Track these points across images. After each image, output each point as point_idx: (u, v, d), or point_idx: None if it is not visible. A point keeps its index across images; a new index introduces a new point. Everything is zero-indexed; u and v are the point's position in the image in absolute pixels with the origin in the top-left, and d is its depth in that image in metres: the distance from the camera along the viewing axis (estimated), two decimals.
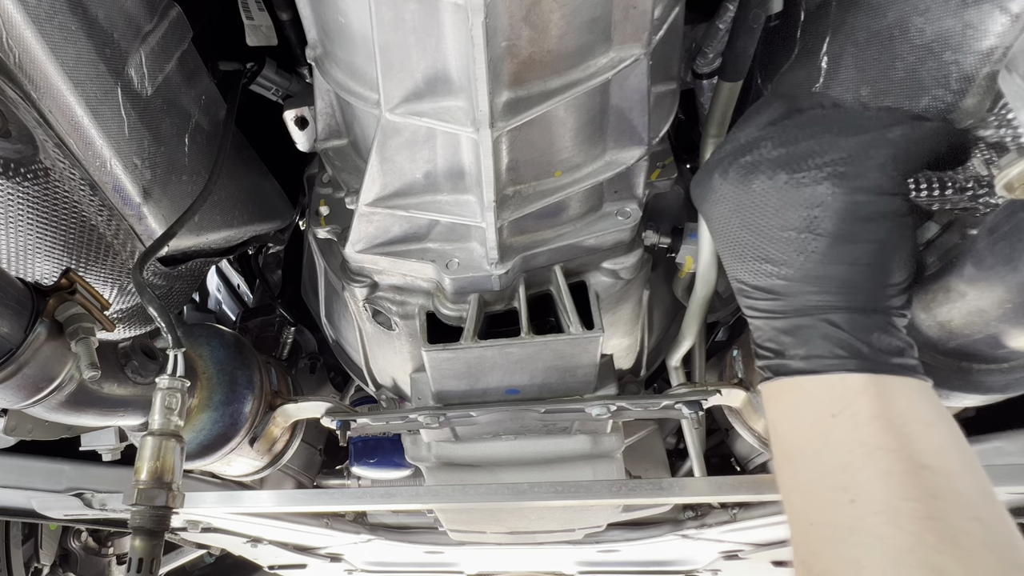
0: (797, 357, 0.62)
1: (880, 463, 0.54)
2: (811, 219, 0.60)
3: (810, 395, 0.62)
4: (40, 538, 2.05)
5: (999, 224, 0.58)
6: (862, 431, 0.56)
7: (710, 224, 0.71)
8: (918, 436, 0.56)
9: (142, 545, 0.81)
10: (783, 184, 0.62)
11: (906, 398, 0.58)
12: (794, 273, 0.62)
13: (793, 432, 0.63)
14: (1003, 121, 0.63)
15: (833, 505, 0.56)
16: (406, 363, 1.15)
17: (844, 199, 0.59)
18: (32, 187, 0.82)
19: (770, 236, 0.63)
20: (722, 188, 0.67)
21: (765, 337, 0.66)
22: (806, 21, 0.80)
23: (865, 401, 0.58)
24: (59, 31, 0.76)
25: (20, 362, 0.78)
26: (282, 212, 1.32)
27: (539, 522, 1.58)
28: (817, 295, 0.61)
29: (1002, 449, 1.14)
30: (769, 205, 0.63)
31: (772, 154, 0.64)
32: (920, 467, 0.53)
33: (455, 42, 0.64)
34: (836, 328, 0.60)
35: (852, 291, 0.60)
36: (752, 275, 0.65)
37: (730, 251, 0.67)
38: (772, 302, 0.64)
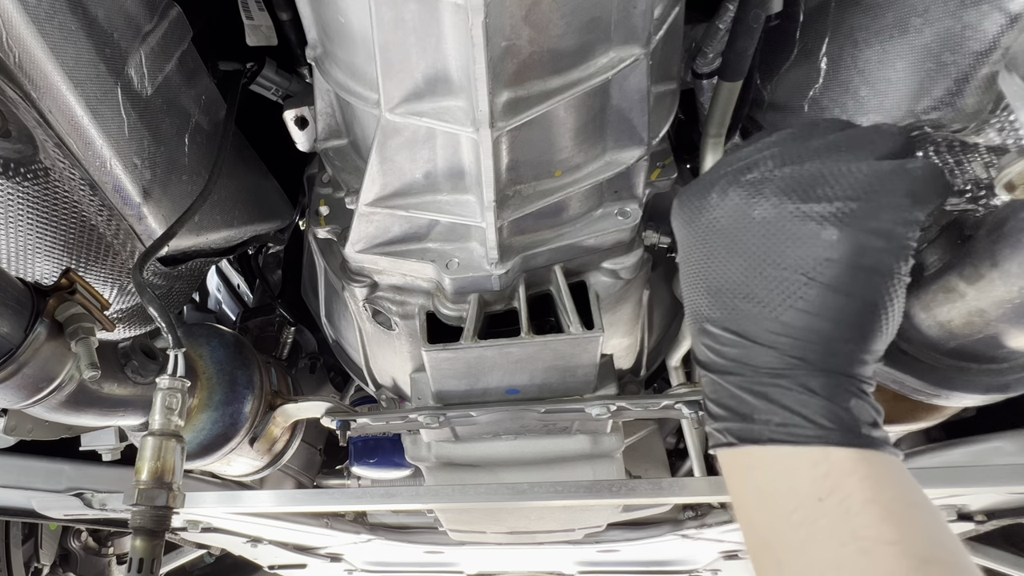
0: (770, 423, 0.53)
1: (881, 561, 0.46)
2: (809, 261, 0.52)
3: (790, 473, 0.52)
4: (40, 538, 2.05)
5: (999, 224, 0.58)
6: (855, 520, 0.48)
7: (689, 247, 0.60)
8: (916, 523, 0.49)
9: (142, 545, 0.81)
10: (789, 215, 0.53)
11: (892, 478, 0.51)
12: (775, 320, 0.53)
13: (770, 517, 0.53)
14: (1005, 123, 0.63)
15: None
16: (406, 363, 1.16)
17: (850, 243, 0.51)
18: (32, 187, 0.82)
19: (761, 272, 0.54)
20: (718, 208, 0.57)
21: (726, 395, 0.56)
22: (806, 21, 0.80)
23: (855, 483, 0.50)
24: (59, 31, 0.76)
25: (20, 362, 0.78)
26: (282, 212, 1.32)
27: (539, 522, 1.58)
28: (797, 350, 0.53)
29: (1002, 449, 1.14)
30: (768, 237, 0.54)
31: (777, 174, 0.55)
32: (924, 562, 0.46)
33: (455, 42, 0.64)
34: (814, 393, 0.52)
35: (833, 351, 0.52)
36: (725, 313, 0.56)
37: (704, 283, 0.58)
38: (742, 350, 0.55)
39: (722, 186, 0.58)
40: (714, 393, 0.58)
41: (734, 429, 0.56)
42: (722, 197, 0.58)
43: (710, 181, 0.60)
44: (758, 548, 0.55)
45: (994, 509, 1.35)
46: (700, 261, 0.59)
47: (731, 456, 0.57)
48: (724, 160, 0.62)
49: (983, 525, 1.38)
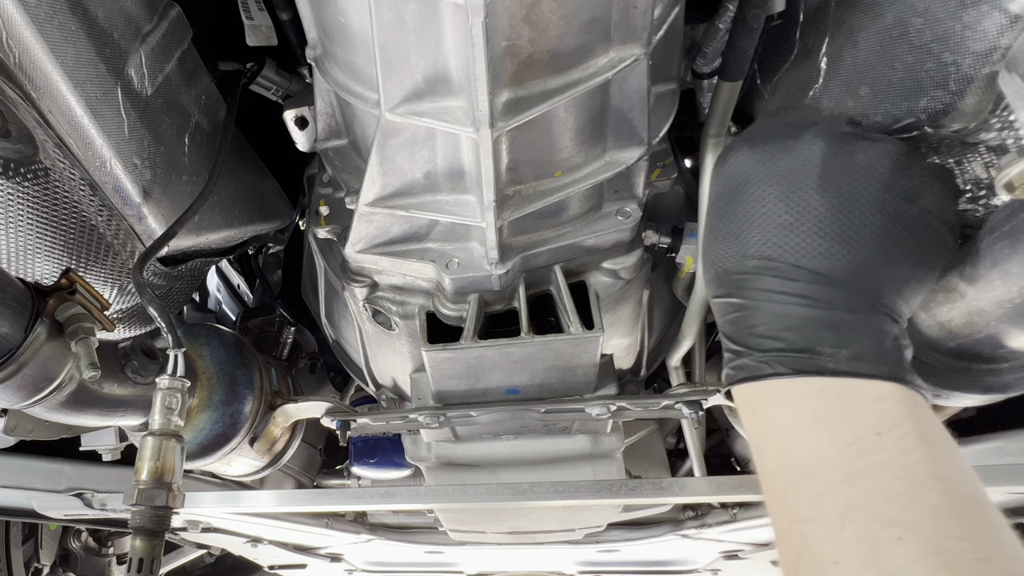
0: (838, 356, 0.54)
1: (929, 495, 0.48)
2: (906, 209, 0.55)
3: (852, 405, 0.53)
4: (40, 538, 2.05)
5: (999, 224, 0.58)
6: (910, 456, 0.50)
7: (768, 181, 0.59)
8: (956, 464, 0.51)
9: (142, 545, 0.81)
10: (891, 167, 0.56)
11: (935, 422, 0.53)
12: (864, 262, 0.54)
13: (820, 446, 0.53)
14: (1005, 123, 0.63)
15: (876, 543, 0.48)
16: (406, 363, 1.16)
17: (939, 199, 0.56)
18: (32, 187, 0.82)
19: (857, 217, 0.55)
20: (811, 148, 0.58)
21: (785, 324, 0.56)
22: (805, 21, 0.80)
23: (913, 422, 0.51)
24: (59, 31, 0.76)
25: (20, 362, 0.78)
26: (282, 212, 1.32)
27: (539, 522, 1.58)
28: (876, 291, 0.54)
29: (1002, 449, 1.14)
30: (869, 185, 0.55)
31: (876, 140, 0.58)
32: (966, 500, 0.49)
33: (455, 42, 0.64)
34: (885, 333, 0.54)
35: (902, 295, 0.55)
36: (814, 255, 0.55)
37: (783, 218, 0.57)
38: (819, 286, 0.55)
39: (813, 132, 0.59)
40: (760, 325, 0.57)
41: (790, 359, 0.55)
42: (816, 137, 0.59)
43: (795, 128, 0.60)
44: (794, 483, 0.54)
45: None
46: (778, 194, 0.58)
47: (773, 387, 0.56)
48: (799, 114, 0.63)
49: None
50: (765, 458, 0.58)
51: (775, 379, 0.56)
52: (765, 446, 0.58)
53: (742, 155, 0.62)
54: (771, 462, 0.57)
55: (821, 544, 0.51)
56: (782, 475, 0.55)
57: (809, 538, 0.52)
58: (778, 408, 0.57)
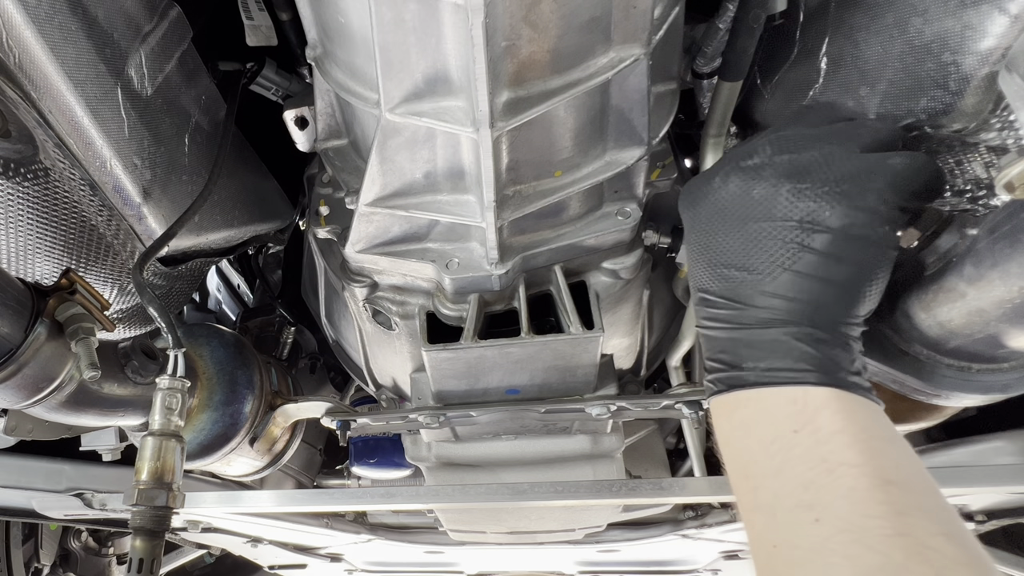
0: (756, 369, 0.60)
1: (844, 479, 0.53)
2: (804, 233, 0.59)
3: (769, 409, 0.59)
4: (40, 538, 2.05)
5: (999, 224, 0.58)
6: (824, 447, 0.55)
7: (693, 228, 0.68)
8: (881, 452, 0.54)
9: (142, 545, 0.81)
10: (785, 193, 0.60)
11: (862, 414, 0.57)
12: (768, 284, 0.60)
13: (751, 448, 0.60)
14: (1005, 123, 0.63)
15: (797, 525, 0.54)
16: (406, 363, 1.16)
17: (842, 217, 0.58)
18: (32, 187, 0.82)
19: (757, 245, 0.61)
20: (720, 192, 0.65)
21: (719, 348, 0.64)
22: (805, 21, 0.80)
23: (827, 416, 0.56)
24: (59, 31, 0.76)
25: (20, 362, 0.78)
26: (282, 212, 1.32)
27: (539, 522, 1.58)
28: (785, 309, 0.60)
29: (1002, 449, 1.14)
30: (765, 213, 0.61)
31: (776, 160, 0.62)
32: (885, 483, 0.52)
33: (455, 42, 0.64)
34: (797, 342, 0.59)
35: (820, 310, 0.59)
36: (722, 283, 0.63)
37: (705, 258, 0.65)
38: (736, 311, 0.62)
39: (725, 172, 0.65)
40: (710, 351, 0.66)
41: (724, 378, 0.63)
42: (724, 181, 0.65)
43: (714, 170, 0.68)
44: (739, 481, 0.62)
45: (994, 509, 1.35)
46: (702, 239, 0.66)
47: (721, 402, 0.64)
48: (727, 155, 0.69)
49: (983, 525, 1.38)
50: (724, 461, 0.66)
51: (719, 396, 0.64)
52: (722, 451, 0.66)
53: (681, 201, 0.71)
54: (726, 464, 0.65)
55: (762, 531, 0.58)
56: (732, 474, 0.63)
57: (755, 526, 0.59)
58: (722, 419, 0.65)
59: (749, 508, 0.60)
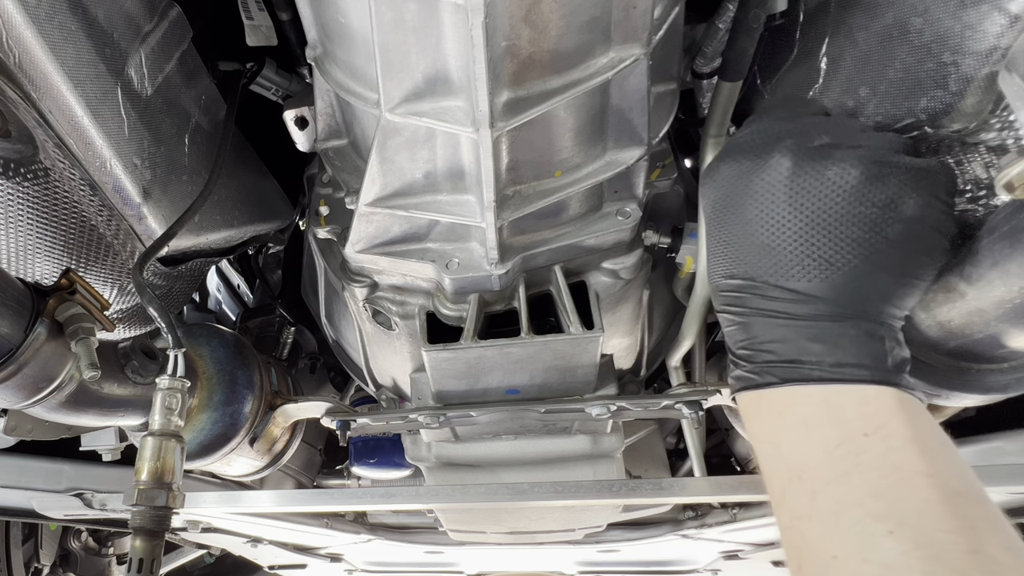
0: (823, 364, 0.56)
1: (918, 491, 0.50)
2: (883, 220, 0.55)
3: (837, 408, 0.56)
4: (40, 538, 2.05)
5: (999, 224, 0.58)
6: (897, 454, 0.52)
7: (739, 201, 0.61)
8: (948, 460, 0.53)
9: (142, 545, 0.81)
10: (862, 178, 0.56)
11: (926, 419, 0.55)
12: (842, 277, 0.56)
13: (809, 450, 0.56)
14: (1005, 123, 0.63)
15: (868, 537, 0.50)
16: (406, 363, 1.15)
17: (922, 207, 0.56)
18: (32, 187, 0.82)
19: (832, 233, 0.56)
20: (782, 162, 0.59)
21: (771, 337, 0.59)
22: (805, 21, 0.80)
23: (899, 422, 0.53)
24: (59, 31, 0.76)
25: (20, 362, 0.78)
26: (282, 212, 1.32)
27: (539, 522, 1.58)
28: (854, 303, 0.56)
29: (1002, 449, 1.14)
30: (842, 199, 0.56)
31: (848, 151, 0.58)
32: (956, 494, 0.50)
33: (455, 42, 0.64)
34: (868, 338, 0.56)
35: (889, 302, 0.57)
36: (791, 275, 0.58)
37: (760, 239, 0.59)
38: (802, 305, 0.58)
39: (785, 148, 0.59)
40: (753, 341, 0.61)
41: (778, 370, 0.59)
42: (785, 153, 0.59)
43: (766, 146, 0.61)
44: (790, 484, 0.57)
45: None
46: (754, 216, 0.60)
47: (766, 395, 0.60)
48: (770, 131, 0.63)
49: None
50: (764, 460, 0.62)
51: (767, 388, 0.60)
52: (762, 449, 0.62)
53: (725, 170, 0.65)
54: (768, 464, 0.61)
55: (819, 539, 0.54)
56: (778, 476, 0.59)
57: (807, 534, 0.55)
58: (771, 415, 0.60)
59: (800, 514, 0.55)
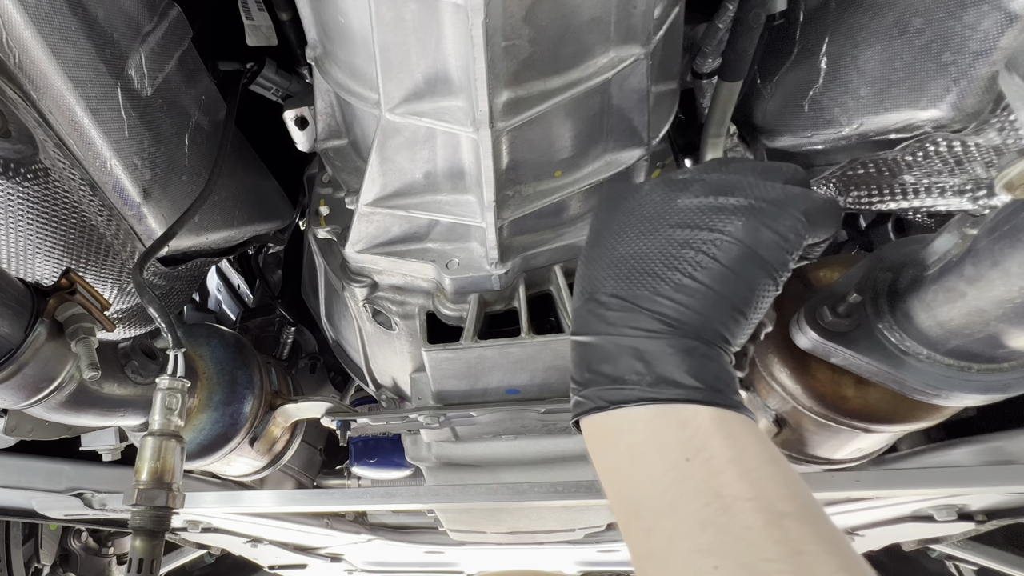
0: (642, 383, 0.55)
1: (739, 517, 0.48)
2: (713, 243, 0.57)
3: (660, 433, 0.54)
4: (40, 538, 2.05)
5: (999, 224, 0.58)
6: (718, 479, 0.50)
7: (606, 229, 0.64)
8: (770, 480, 0.51)
9: (142, 545, 0.81)
10: (708, 204, 0.59)
11: (751, 436, 0.54)
12: (667, 289, 0.57)
13: (640, 481, 0.54)
14: (1005, 123, 0.63)
15: (696, 574, 0.49)
16: (406, 363, 1.15)
17: (753, 232, 0.57)
18: (32, 187, 0.82)
19: (668, 249, 0.58)
20: (645, 197, 0.63)
21: (601, 357, 0.58)
22: (805, 21, 0.80)
23: (718, 442, 0.52)
24: (59, 31, 0.76)
25: (20, 362, 0.78)
26: (282, 212, 1.32)
27: (539, 522, 1.58)
28: (677, 318, 0.56)
29: (1002, 449, 1.14)
30: (683, 221, 0.59)
31: (705, 176, 0.62)
32: (780, 516, 0.48)
33: (455, 42, 0.64)
34: (686, 355, 0.55)
35: (708, 324, 0.57)
36: (623, 284, 0.59)
37: (612, 259, 0.61)
38: (629, 314, 0.58)
39: (654, 182, 0.64)
40: (587, 360, 0.60)
41: (606, 392, 0.57)
42: (652, 189, 0.63)
43: (643, 181, 0.67)
44: (629, 520, 0.56)
45: (994, 509, 1.35)
46: (612, 238, 0.62)
47: (601, 421, 0.58)
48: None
49: (983, 525, 1.38)
50: (608, 497, 0.59)
51: (597, 414, 0.58)
52: (605, 485, 0.60)
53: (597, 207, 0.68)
54: (611, 499, 0.59)
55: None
56: (621, 513, 0.57)
57: (648, 574, 0.53)
58: (607, 444, 0.59)
59: (643, 554, 0.54)
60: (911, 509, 1.39)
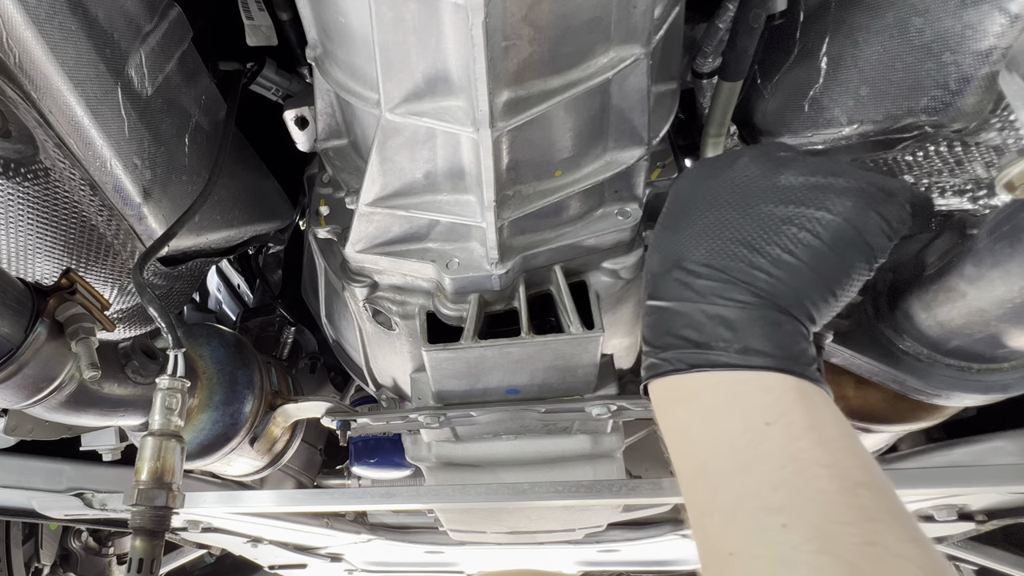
0: (730, 349, 0.56)
1: (814, 481, 0.49)
2: (818, 221, 0.57)
3: (741, 397, 0.55)
4: (40, 538, 2.05)
5: (999, 224, 0.58)
6: (796, 444, 0.51)
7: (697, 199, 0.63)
8: (850, 451, 0.52)
9: (142, 545, 0.81)
10: (813, 184, 0.59)
11: (829, 409, 0.55)
12: (764, 263, 0.57)
13: (713, 440, 0.55)
14: (1005, 123, 0.63)
15: (762, 531, 0.49)
16: (406, 363, 1.15)
17: (861, 214, 0.57)
18: (32, 187, 0.82)
19: (769, 226, 0.58)
20: (745, 170, 0.62)
21: (685, 323, 0.59)
22: (806, 21, 0.80)
23: (800, 410, 0.53)
24: (59, 31, 0.76)
25: (20, 362, 0.78)
26: (282, 212, 1.32)
27: (539, 522, 1.58)
28: (771, 292, 0.57)
29: (1002, 449, 1.14)
30: (786, 198, 0.58)
31: (807, 159, 0.61)
32: (855, 485, 0.49)
33: (455, 42, 0.64)
34: (776, 327, 0.56)
35: (801, 298, 0.57)
36: (716, 255, 0.59)
37: (702, 228, 0.61)
38: (719, 284, 0.58)
39: (752, 156, 0.63)
40: (667, 325, 0.60)
41: (688, 356, 0.58)
42: (751, 162, 0.62)
43: (738, 152, 0.64)
44: (694, 479, 0.56)
45: (994, 509, 1.35)
46: (704, 208, 0.62)
47: (676, 383, 0.59)
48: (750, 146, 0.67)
49: (983, 525, 1.38)
50: (673, 456, 0.60)
51: (675, 375, 0.59)
52: (671, 443, 0.60)
53: (694, 170, 0.68)
54: (677, 459, 0.59)
55: (718, 536, 0.52)
56: (686, 471, 0.58)
57: (709, 531, 0.53)
58: (678, 404, 0.59)
59: (705, 510, 0.54)
60: (911, 509, 1.39)
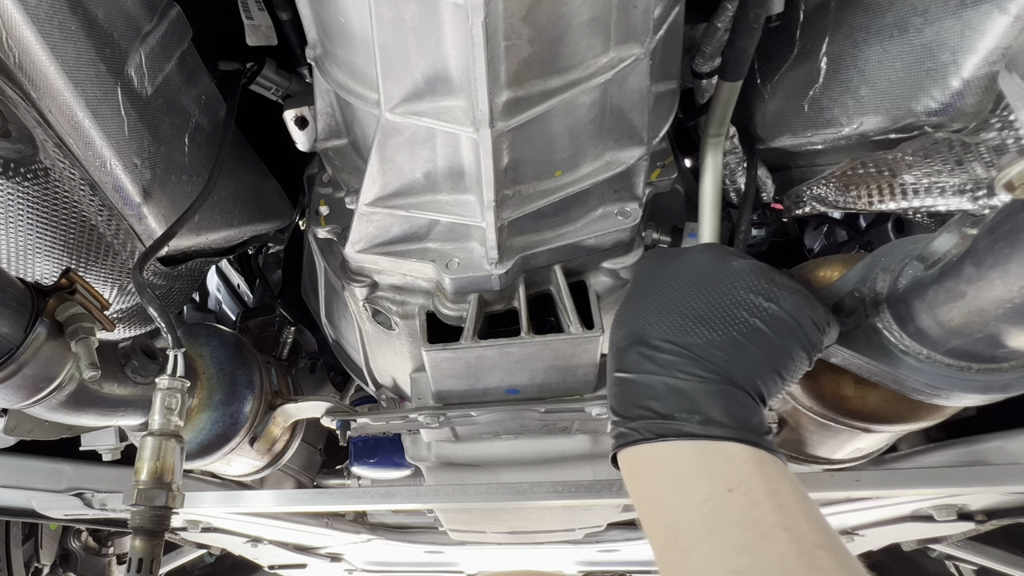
0: (693, 420, 0.61)
1: (775, 544, 0.53)
2: (766, 311, 0.64)
3: (706, 465, 0.60)
4: (40, 538, 2.05)
5: (999, 224, 0.58)
6: (758, 509, 0.55)
7: (657, 281, 0.71)
8: (805, 514, 0.56)
9: (142, 545, 0.81)
10: (759, 273, 0.66)
11: (786, 476, 0.59)
12: (719, 341, 0.64)
13: (682, 505, 0.59)
14: (1005, 123, 0.63)
15: None
16: (406, 363, 1.15)
17: (799, 312, 0.65)
18: (32, 187, 0.82)
19: (720, 306, 0.65)
20: (697, 258, 0.70)
21: (649, 395, 0.64)
22: (805, 21, 0.80)
23: (759, 478, 0.57)
24: (59, 31, 0.76)
25: (20, 362, 0.78)
26: (282, 212, 1.32)
27: (539, 522, 1.58)
28: (725, 368, 0.63)
29: (1002, 449, 1.14)
30: (736, 283, 0.66)
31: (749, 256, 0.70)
32: (814, 547, 0.53)
33: (455, 42, 0.64)
34: (733, 401, 0.62)
35: (752, 374, 0.63)
36: (677, 332, 0.65)
37: (663, 307, 0.68)
38: (681, 359, 0.64)
39: (705, 246, 0.72)
40: (633, 396, 0.66)
41: (654, 425, 0.63)
42: (705, 250, 0.71)
43: (691, 246, 0.74)
44: (666, 543, 0.60)
45: (994, 509, 1.35)
46: (664, 289, 0.69)
47: (645, 452, 0.64)
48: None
49: (983, 525, 1.38)
50: (645, 521, 0.64)
51: (644, 444, 0.63)
52: (643, 509, 0.65)
53: (652, 256, 0.75)
54: (648, 524, 0.64)
55: None
56: (657, 536, 0.62)
57: None
58: (648, 472, 0.64)
59: (676, 573, 0.58)
60: (911, 509, 1.39)
